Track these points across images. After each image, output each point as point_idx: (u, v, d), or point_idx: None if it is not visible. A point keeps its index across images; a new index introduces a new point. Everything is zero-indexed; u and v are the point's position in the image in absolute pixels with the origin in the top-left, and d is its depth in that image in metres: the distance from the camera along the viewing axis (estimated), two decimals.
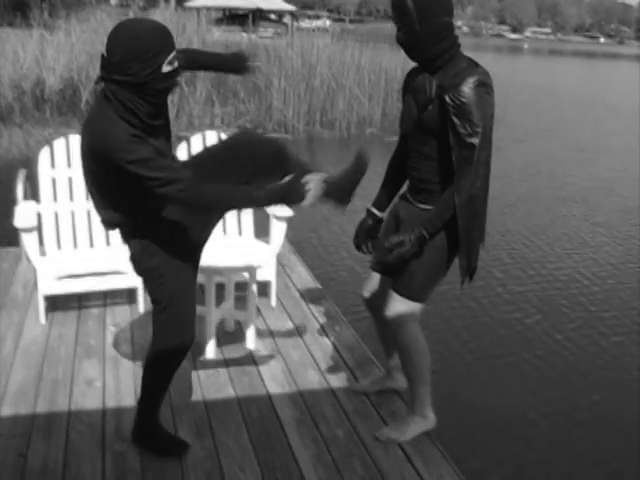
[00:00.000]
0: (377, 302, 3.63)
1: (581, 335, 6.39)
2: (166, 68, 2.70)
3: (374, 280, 3.65)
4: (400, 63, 17.78)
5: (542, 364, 5.76)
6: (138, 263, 3.06)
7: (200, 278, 3.47)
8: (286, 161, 3.10)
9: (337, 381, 4.14)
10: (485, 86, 2.95)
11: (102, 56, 2.68)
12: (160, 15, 18.44)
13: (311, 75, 16.84)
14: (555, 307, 6.99)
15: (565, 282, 7.73)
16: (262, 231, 5.20)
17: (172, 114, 14.97)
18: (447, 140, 3.01)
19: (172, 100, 15.00)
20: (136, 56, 2.61)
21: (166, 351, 3.14)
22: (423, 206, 3.28)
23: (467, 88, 2.90)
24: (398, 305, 3.33)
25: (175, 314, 3.08)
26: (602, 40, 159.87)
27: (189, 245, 3.07)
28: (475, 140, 2.93)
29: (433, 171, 3.18)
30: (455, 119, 2.93)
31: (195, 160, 3.18)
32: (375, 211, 3.63)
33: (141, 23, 2.71)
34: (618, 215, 10.82)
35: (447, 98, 2.93)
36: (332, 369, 4.27)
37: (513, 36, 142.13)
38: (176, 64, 2.75)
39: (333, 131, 16.46)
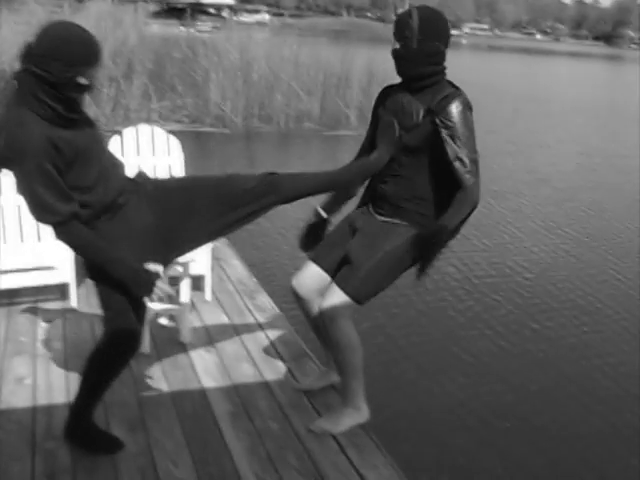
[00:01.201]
0: (307, 294, 3.63)
1: (516, 322, 6.52)
2: (82, 80, 2.70)
3: (309, 272, 3.63)
4: (339, 57, 17.84)
5: (480, 354, 5.86)
6: (89, 268, 3.02)
7: None
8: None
9: (272, 374, 4.13)
10: (470, 108, 3.12)
11: (26, 44, 2.66)
12: (96, 7, 18.07)
13: (249, 69, 16.75)
14: (490, 297, 7.11)
15: (500, 273, 7.87)
16: None
17: (108, 108, 14.75)
18: (425, 160, 3.17)
19: (108, 94, 14.78)
20: (59, 58, 2.61)
21: (114, 352, 3.09)
22: (384, 218, 3.36)
23: (455, 111, 3.05)
24: (336, 299, 3.31)
25: (125, 319, 3.04)
26: (538, 37, 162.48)
27: (141, 248, 3.02)
28: (475, 156, 3.13)
29: (405, 189, 3.26)
30: (449, 139, 3.06)
31: (164, 184, 3.17)
32: (322, 212, 3.65)
33: (77, 30, 2.69)
34: (551, 206, 11.05)
35: (438, 121, 3.07)
36: (267, 362, 4.26)
37: (452, 32, 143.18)
38: (93, 81, 2.76)
39: (272, 126, 16.41)
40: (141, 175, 3.15)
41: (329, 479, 3.23)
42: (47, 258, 4.63)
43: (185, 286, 4.35)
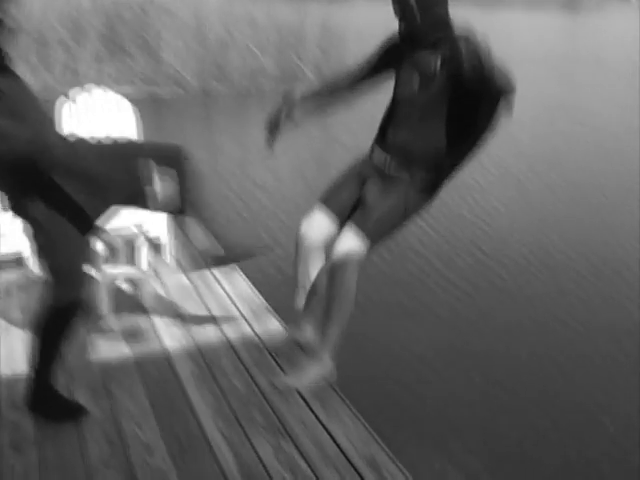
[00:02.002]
0: (312, 244, 3.55)
1: (476, 277, 6.57)
2: None
3: (318, 221, 3.53)
4: (294, 14, 17.63)
5: (439, 308, 5.90)
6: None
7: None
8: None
9: (234, 333, 4.12)
10: (475, 41, 3.01)
11: None
12: None
13: (203, 29, 16.49)
14: (449, 250, 7.15)
15: (459, 224, 7.91)
16: None
17: (58, 71, 14.43)
18: (442, 114, 3.14)
19: (57, 58, 14.46)
20: None
21: (55, 311, 3.05)
22: (393, 173, 3.34)
23: (464, 50, 2.95)
24: (351, 242, 3.25)
25: (66, 282, 2.99)
26: None
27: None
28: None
29: (420, 142, 3.24)
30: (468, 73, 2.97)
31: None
32: (295, 99, 3.46)
33: None
34: (477, 164, 11.04)
35: (453, 68, 3.02)
36: (230, 322, 4.26)
37: None
38: (6, 17, 2.62)
39: (228, 85, 16.20)
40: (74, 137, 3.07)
41: (295, 434, 3.25)
42: (1, 227, 4.55)
43: (143, 249, 4.31)
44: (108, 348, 3.93)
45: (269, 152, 3.61)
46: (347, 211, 3.46)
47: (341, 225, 3.47)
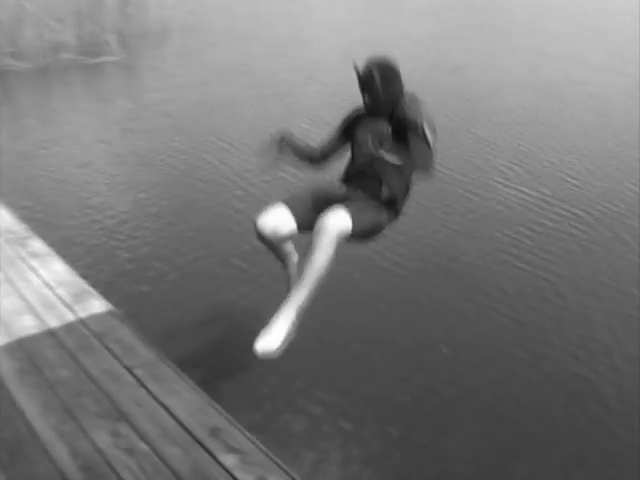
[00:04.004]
0: (273, 234, 3.43)
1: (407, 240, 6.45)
2: None
3: (280, 213, 3.44)
4: None
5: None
6: None
7: None
8: None
9: (56, 321, 3.82)
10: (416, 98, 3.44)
11: None
12: None
13: None
14: None
15: None
16: None
17: None
18: (399, 164, 3.48)
19: None
20: None
21: None
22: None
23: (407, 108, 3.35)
24: (339, 214, 3.14)
25: None
26: None
27: None
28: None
29: (385, 187, 3.49)
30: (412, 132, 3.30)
31: None
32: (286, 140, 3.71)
33: None
34: (319, 101, 11.10)
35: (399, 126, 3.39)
36: (49, 309, 3.95)
37: None
38: None
39: (26, 62, 15.19)
40: None
41: (132, 416, 3.07)
42: None
43: None
44: None
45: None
46: (305, 218, 3.41)
47: (298, 228, 3.45)
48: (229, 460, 2.84)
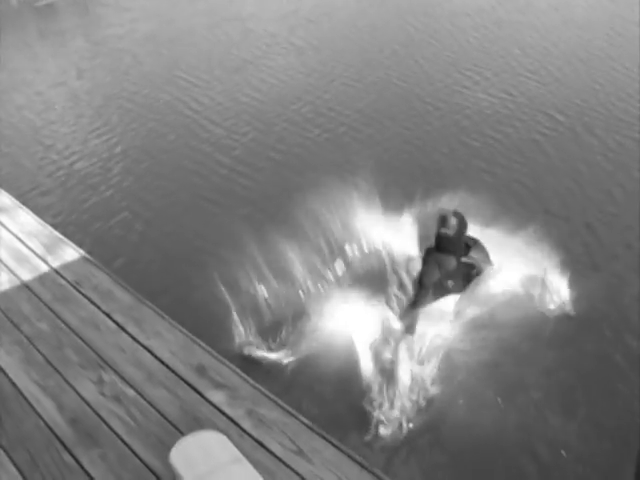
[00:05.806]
0: None
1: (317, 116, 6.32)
2: None
3: None
4: None
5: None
6: None
7: None
8: None
9: (28, 273, 3.69)
10: (480, 244, 4.38)
11: None
12: None
13: None
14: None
15: None
16: None
17: None
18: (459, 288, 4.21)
19: None
20: None
21: None
22: None
23: (475, 257, 4.29)
24: None
25: None
26: None
27: None
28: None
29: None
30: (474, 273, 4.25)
31: None
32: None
33: None
34: (278, 24, 10.70)
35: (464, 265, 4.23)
36: (22, 262, 3.81)
37: None
38: None
39: None
40: None
41: (115, 362, 2.99)
42: None
43: None
44: None
45: None
46: None
47: None
48: (217, 396, 2.78)
